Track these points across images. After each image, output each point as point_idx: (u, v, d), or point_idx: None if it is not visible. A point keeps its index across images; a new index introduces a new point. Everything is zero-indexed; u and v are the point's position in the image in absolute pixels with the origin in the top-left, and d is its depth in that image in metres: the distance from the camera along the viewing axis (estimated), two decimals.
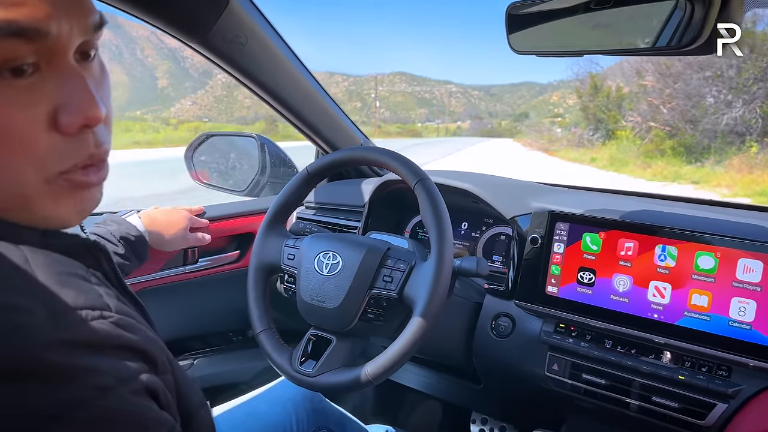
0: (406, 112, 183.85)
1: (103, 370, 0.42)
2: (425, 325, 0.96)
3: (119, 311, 0.47)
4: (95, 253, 0.56)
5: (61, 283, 0.45)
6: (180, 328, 1.47)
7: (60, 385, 0.39)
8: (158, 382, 0.48)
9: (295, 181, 1.18)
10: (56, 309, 0.43)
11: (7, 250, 0.46)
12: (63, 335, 0.41)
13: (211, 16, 1.09)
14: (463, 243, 1.47)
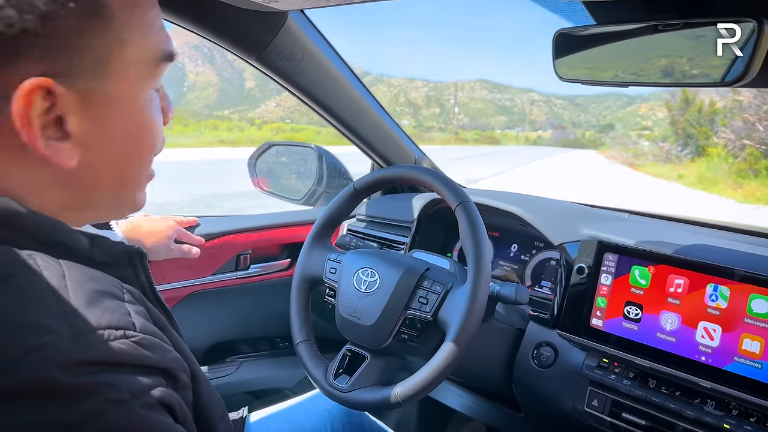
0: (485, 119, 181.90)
1: (119, 385, 0.44)
2: (457, 351, 0.95)
3: (144, 330, 0.49)
4: (135, 262, 0.58)
5: (90, 302, 0.47)
6: (228, 331, 1.52)
7: (75, 401, 0.42)
8: (176, 398, 0.50)
9: (341, 196, 1.20)
10: (80, 329, 0.45)
11: (48, 265, 0.48)
12: (82, 356, 0.43)
13: (267, 35, 1.13)
14: (512, 266, 1.44)
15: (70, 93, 0.49)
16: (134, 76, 0.54)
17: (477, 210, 1.03)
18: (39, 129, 0.49)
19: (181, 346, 0.58)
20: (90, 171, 0.54)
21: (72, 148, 0.51)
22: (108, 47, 0.51)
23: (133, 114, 0.56)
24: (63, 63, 0.49)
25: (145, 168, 0.61)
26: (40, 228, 0.51)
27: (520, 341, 1.24)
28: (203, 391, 0.60)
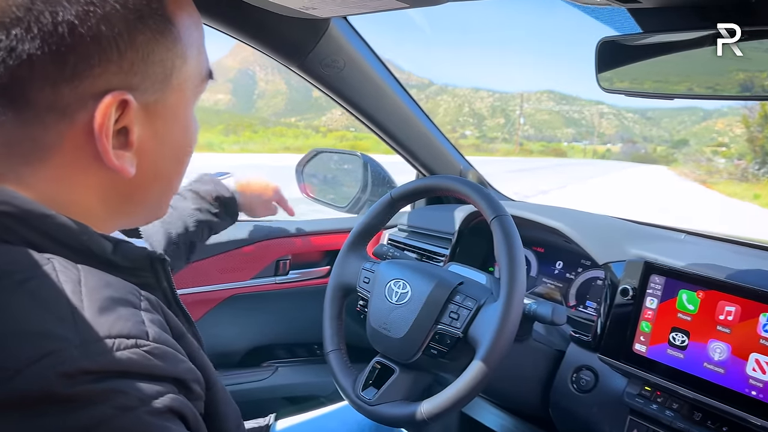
0: (551, 130, 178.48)
1: (127, 392, 0.44)
2: (486, 371, 0.91)
3: (157, 340, 0.49)
4: (156, 267, 0.59)
5: (103, 310, 0.47)
6: (266, 336, 1.52)
7: (81, 408, 0.41)
8: (189, 406, 0.50)
9: (378, 205, 1.18)
10: (89, 338, 0.44)
11: (65, 269, 0.48)
12: (87, 365, 0.43)
13: (309, 42, 1.13)
14: (556, 284, 1.38)
15: (138, 105, 0.53)
16: (188, 90, 0.59)
17: (513, 224, 0.99)
18: (110, 139, 0.51)
19: (198, 355, 0.58)
20: (142, 178, 0.57)
21: (132, 157, 0.55)
22: (173, 63, 0.55)
23: (184, 125, 0.61)
24: (137, 77, 0.52)
25: (182, 177, 0.65)
26: (63, 231, 0.51)
27: (559, 363, 1.19)
28: (219, 400, 0.60)
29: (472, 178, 1.69)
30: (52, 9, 0.47)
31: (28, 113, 0.49)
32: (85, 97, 0.50)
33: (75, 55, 0.48)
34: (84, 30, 0.48)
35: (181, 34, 0.55)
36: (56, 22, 0.47)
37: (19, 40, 0.47)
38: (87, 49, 0.48)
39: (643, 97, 0.83)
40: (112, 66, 0.50)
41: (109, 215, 0.58)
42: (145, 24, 0.52)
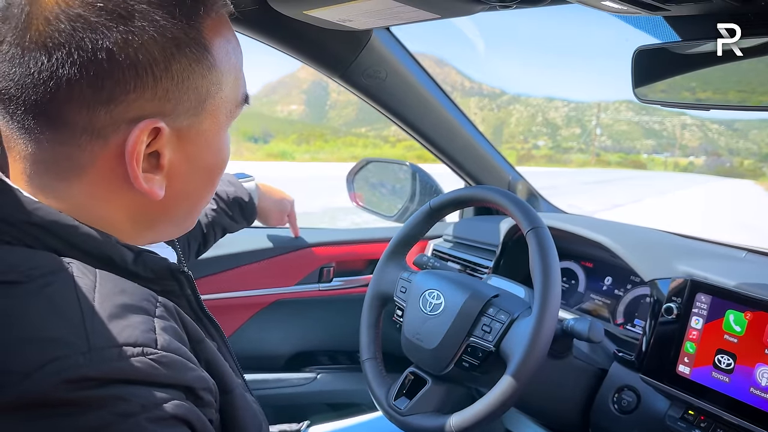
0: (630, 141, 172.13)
1: (128, 399, 0.45)
2: (516, 386, 0.89)
3: (165, 348, 0.49)
4: (179, 278, 0.61)
5: (114, 317, 0.48)
6: (308, 341, 1.55)
7: (81, 413, 0.43)
8: (196, 413, 0.50)
9: (417, 215, 1.18)
10: (95, 345, 0.45)
11: (83, 275, 0.51)
12: (91, 372, 0.44)
13: (350, 53, 1.15)
14: (604, 300, 1.33)
15: (171, 131, 0.55)
16: (222, 116, 0.60)
17: (549, 236, 0.97)
18: (140, 163, 0.53)
19: (216, 360, 0.59)
20: (172, 199, 0.59)
21: (162, 180, 0.56)
22: (208, 89, 0.56)
23: (217, 150, 0.61)
24: (171, 103, 0.54)
25: (211, 196, 0.66)
26: (86, 240, 0.53)
27: (601, 382, 1.14)
28: (237, 406, 0.60)
29: (522, 189, 1.67)
30: (92, 36, 0.49)
31: (65, 133, 0.52)
32: (119, 120, 0.52)
33: (112, 81, 0.50)
34: (122, 57, 0.50)
35: (217, 61, 0.56)
36: (96, 48, 0.49)
37: (60, 64, 0.49)
38: (124, 75, 0.50)
39: (680, 108, 0.80)
40: (147, 92, 0.52)
41: (135, 231, 0.60)
42: (181, 52, 0.53)
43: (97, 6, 0.49)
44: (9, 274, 0.48)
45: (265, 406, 1.53)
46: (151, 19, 0.51)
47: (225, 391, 0.59)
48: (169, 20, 0.52)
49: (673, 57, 0.79)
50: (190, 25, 0.53)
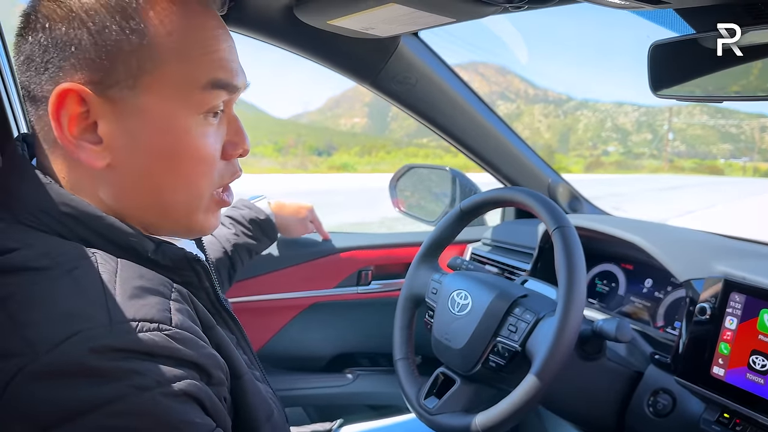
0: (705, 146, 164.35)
1: (145, 373, 0.49)
2: (539, 385, 0.89)
3: (179, 326, 0.54)
4: (196, 267, 0.65)
5: (133, 296, 0.53)
6: (347, 343, 1.58)
7: (103, 383, 0.48)
8: (206, 391, 0.54)
9: (448, 217, 1.20)
10: (116, 319, 0.51)
11: (105, 262, 0.56)
12: (114, 342, 0.49)
13: (379, 61, 1.19)
14: (644, 303, 1.30)
15: (100, 100, 0.57)
16: (171, 95, 0.59)
17: (576, 236, 0.97)
18: (72, 130, 0.57)
19: (226, 346, 0.63)
20: (122, 176, 0.61)
21: (102, 152, 0.59)
22: (139, 63, 0.57)
23: (169, 132, 0.60)
24: (98, 73, 0.56)
25: (197, 191, 0.64)
26: (111, 230, 0.59)
27: (636, 385, 1.12)
28: (249, 391, 0.64)
29: (562, 192, 1.65)
30: (41, 10, 0.57)
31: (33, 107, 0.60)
32: (52, 88, 0.57)
33: (54, 47, 0.56)
34: (61, 24, 0.56)
35: (150, 32, 0.57)
36: (37, 18, 0.57)
37: (24, 43, 0.58)
38: (61, 40, 0.56)
39: (698, 102, 0.79)
40: (73, 59, 0.56)
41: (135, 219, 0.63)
42: (114, 18, 0.56)
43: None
44: (41, 260, 0.54)
45: (307, 405, 1.58)
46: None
47: (235, 376, 0.63)
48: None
49: (688, 50, 0.78)
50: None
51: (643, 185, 29.73)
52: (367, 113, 77.53)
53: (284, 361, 1.54)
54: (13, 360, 0.48)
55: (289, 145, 48.64)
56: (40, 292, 0.52)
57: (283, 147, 47.88)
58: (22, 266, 0.53)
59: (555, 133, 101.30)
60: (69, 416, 0.47)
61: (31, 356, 0.47)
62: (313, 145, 48.01)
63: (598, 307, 1.37)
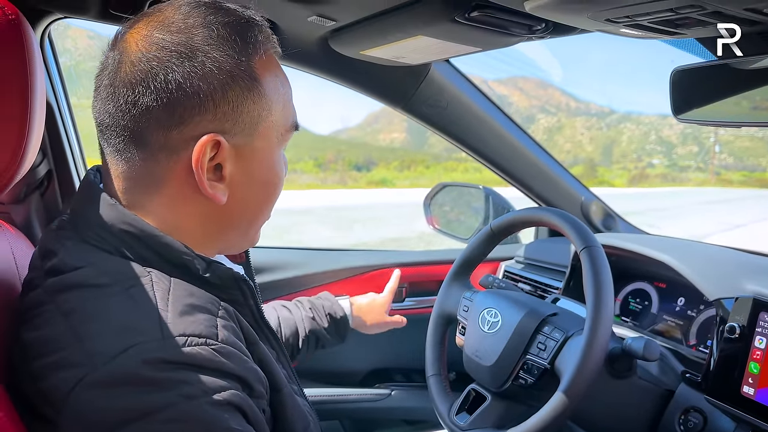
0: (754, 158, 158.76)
1: (193, 383, 0.55)
2: (567, 403, 0.92)
3: (225, 341, 0.60)
4: (242, 286, 0.70)
5: (184, 313, 0.59)
6: (382, 359, 1.62)
7: (154, 391, 0.53)
8: (248, 402, 0.60)
9: (479, 237, 1.23)
10: (168, 334, 0.56)
11: (159, 281, 0.62)
12: (165, 355, 0.55)
13: (411, 86, 1.24)
14: (677, 321, 1.30)
15: (229, 146, 0.66)
16: (273, 137, 0.70)
17: (603, 256, 0.99)
18: (205, 172, 0.65)
19: (269, 361, 0.69)
20: (234, 207, 0.70)
21: (225, 189, 0.67)
22: (259, 114, 0.67)
23: (270, 166, 0.71)
24: (229, 123, 0.65)
25: (270, 210, 0.76)
26: (167, 249, 0.65)
27: (667, 403, 1.12)
28: (287, 404, 0.69)
29: (596, 210, 1.66)
30: (164, 71, 0.62)
31: (146, 152, 0.65)
32: (188, 138, 0.64)
33: (181, 106, 0.63)
34: (188, 87, 0.62)
35: (266, 91, 0.67)
36: (167, 80, 0.62)
37: (140, 95, 0.62)
38: (190, 101, 0.63)
39: (718, 126, 0.81)
40: (209, 115, 0.64)
41: (206, 239, 0.71)
42: (235, 82, 0.64)
43: (168, 48, 0.62)
44: (101, 278, 0.60)
45: (343, 418, 1.62)
46: (209, 56, 0.63)
47: (275, 390, 0.68)
48: (225, 57, 0.63)
49: (710, 75, 0.80)
50: (241, 62, 0.64)
51: (690, 199, 28.95)
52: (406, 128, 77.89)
53: (321, 375, 1.58)
54: (75, 370, 0.54)
55: (329, 160, 49.19)
56: (100, 308, 0.58)
57: (323, 163, 48.42)
58: (84, 283, 0.60)
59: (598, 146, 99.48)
60: (123, 422, 0.52)
61: (91, 367, 0.53)
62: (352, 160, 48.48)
63: (630, 326, 1.38)
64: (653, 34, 0.70)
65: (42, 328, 0.59)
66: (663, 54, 49.34)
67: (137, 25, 0.65)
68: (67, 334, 0.57)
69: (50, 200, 1.20)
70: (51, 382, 0.55)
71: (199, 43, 0.63)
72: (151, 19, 0.65)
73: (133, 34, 0.64)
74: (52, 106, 1.18)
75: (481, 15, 0.86)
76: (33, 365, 0.57)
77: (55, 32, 1.22)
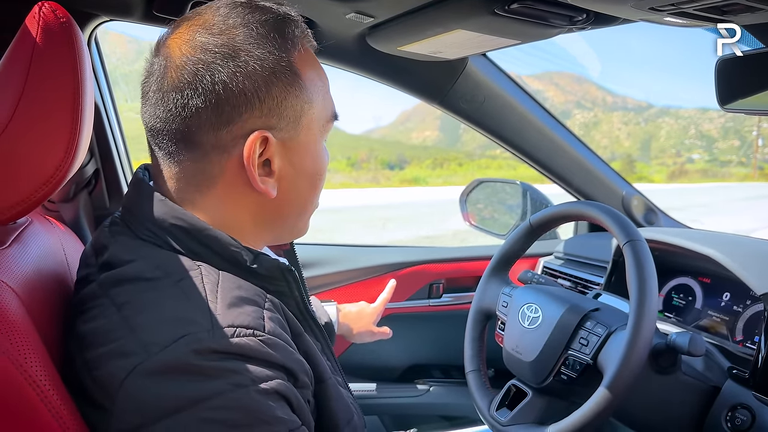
0: None
1: (241, 372, 0.57)
2: (610, 399, 0.91)
3: (271, 333, 0.61)
4: (287, 277, 0.72)
5: (232, 305, 0.61)
6: (421, 355, 1.62)
7: (204, 380, 0.55)
8: (294, 392, 0.61)
9: (518, 231, 1.22)
10: (217, 325, 0.58)
11: (209, 274, 0.64)
12: (214, 345, 0.57)
13: (448, 82, 1.24)
14: (722, 317, 1.28)
15: (276, 141, 0.67)
16: (316, 129, 0.72)
17: (647, 250, 0.97)
18: (256, 168, 0.67)
19: (313, 353, 0.70)
20: (284, 199, 0.71)
21: (274, 183, 0.69)
22: (302, 107, 0.69)
23: (314, 157, 0.73)
24: (274, 119, 0.67)
25: (318, 199, 0.78)
26: (215, 242, 0.67)
27: (714, 400, 1.10)
28: (330, 396, 0.71)
29: (638, 204, 1.63)
30: (210, 73, 0.63)
31: (198, 152, 0.66)
32: (237, 136, 0.66)
33: (229, 106, 0.64)
34: (234, 86, 0.64)
35: (306, 84, 0.69)
36: (213, 81, 0.63)
37: (189, 98, 0.64)
38: (237, 100, 0.64)
39: (766, 115, 0.79)
40: (256, 112, 0.65)
41: (257, 231, 0.73)
42: (278, 78, 0.66)
43: (211, 50, 0.64)
44: (154, 271, 0.63)
45: (382, 414, 1.63)
46: (251, 55, 0.64)
47: (319, 381, 0.69)
48: (266, 55, 0.65)
49: (756, 63, 0.79)
50: (282, 57, 0.66)
51: (731, 194, 28.18)
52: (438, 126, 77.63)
53: (360, 370, 1.60)
54: (129, 359, 0.56)
55: (362, 159, 49.35)
56: (152, 300, 0.60)
57: (356, 162, 48.60)
58: (137, 276, 0.62)
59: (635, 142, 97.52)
60: (175, 409, 0.54)
61: (144, 356, 0.55)
62: (385, 159, 48.50)
63: (674, 321, 1.35)
64: (698, 22, 0.69)
65: (97, 320, 0.61)
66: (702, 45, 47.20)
67: (178, 29, 0.67)
68: (121, 325, 0.59)
69: (98, 198, 1.24)
70: (106, 370, 0.57)
71: (240, 43, 0.64)
72: (192, 22, 0.67)
73: (176, 39, 0.66)
74: (99, 107, 1.22)
75: (521, 7, 0.85)
76: (88, 355, 0.59)
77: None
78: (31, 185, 0.61)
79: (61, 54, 0.61)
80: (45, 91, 0.60)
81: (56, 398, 0.54)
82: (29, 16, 0.60)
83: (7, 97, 0.59)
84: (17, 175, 0.60)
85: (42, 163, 0.61)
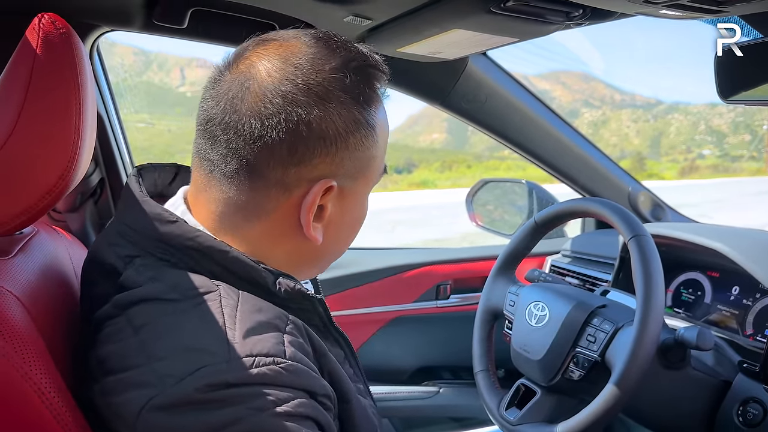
0: None
1: (261, 396, 0.55)
2: (619, 395, 0.90)
3: (292, 358, 0.58)
4: (312, 300, 0.69)
5: (251, 331, 0.58)
6: (430, 356, 1.62)
7: (222, 407, 0.54)
8: (322, 412, 0.59)
9: (523, 230, 1.22)
10: (235, 355, 0.56)
11: (227, 295, 0.62)
12: (230, 378, 0.55)
13: (448, 82, 1.24)
14: (732, 311, 1.26)
15: (337, 189, 0.66)
16: (372, 180, 0.72)
17: (652, 245, 0.97)
18: (312, 213, 0.66)
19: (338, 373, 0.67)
20: (325, 246, 0.70)
21: (322, 229, 0.68)
22: (369, 159, 0.68)
23: (362, 207, 0.73)
24: (343, 168, 0.66)
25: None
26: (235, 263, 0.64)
27: (724, 394, 1.09)
28: (355, 414, 0.68)
29: (644, 200, 1.62)
30: (299, 110, 0.62)
31: (259, 183, 0.64)
32: (303, 178, 0.64)
33: (304, 147, 0.63)
34: (316, 128, 0.62)
35: (378, 137, 0.68)
36: (300, 120, 0.62)
37: (269, 129, 0.62)
38: (314, 143, 0.63)
39: (763, 105, 0.78)
40: (328, 158, 0.64)
41: (287, 269, 0.69)
42: (357, 130, 0.65)
43: (303, 87, 0.62)
44: (171, 293, 0.61)
45: (391, 417, 1.63)
46: (341, 101, 0.63)
47: (344, 401, 0.67)
48: (354, 104, 0.64)
49: (757, 54, 0.78)
50: (365, 109, 0.65)
51: (744, 189, 27.93)
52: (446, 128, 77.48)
53: (369, 373, 1.58)
54: (145, 390, 0.54)
55: None
56: (170, 325, 0.59)
57: None
58: (154, 297, 0.61)
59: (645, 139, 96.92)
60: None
61: (160, 388, 0.54)
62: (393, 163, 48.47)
63: (683, 317, 1.34)
64: (694, 14, 0.68)
65: (113, 342, 0.60)
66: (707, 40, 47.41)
67: (258, 50, 0.65)
68: (138, 352, 0.57)
69: (103, 207, 1.26)
70: (122, 398, 0.55)
71: (332, 87, 0.63)
72: (277, 49, 0.64)
73: (263, 62, 0.63)
74: (102, 116, 1.23)
75: (517, 4, 0.85)
76: (104, 379, 0.58)
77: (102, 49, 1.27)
78: (34, 195, 0.61)
79: (62, 65, 0.61)
80: (46, 102, 0.60)
81: (61, 406, 0.53)
82: (29, 28, 0.61)
83: (9, 108, 0.59)
84: (20, 185, 0.60)
85: (44, 173, 0.61)
